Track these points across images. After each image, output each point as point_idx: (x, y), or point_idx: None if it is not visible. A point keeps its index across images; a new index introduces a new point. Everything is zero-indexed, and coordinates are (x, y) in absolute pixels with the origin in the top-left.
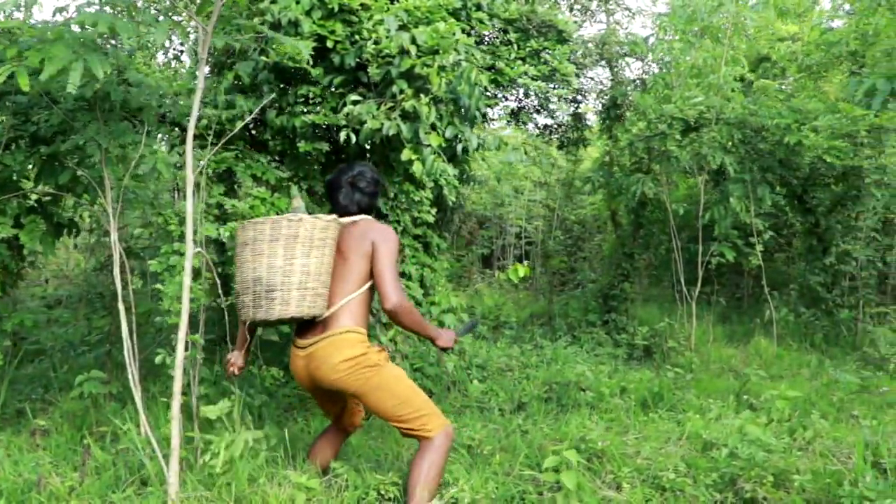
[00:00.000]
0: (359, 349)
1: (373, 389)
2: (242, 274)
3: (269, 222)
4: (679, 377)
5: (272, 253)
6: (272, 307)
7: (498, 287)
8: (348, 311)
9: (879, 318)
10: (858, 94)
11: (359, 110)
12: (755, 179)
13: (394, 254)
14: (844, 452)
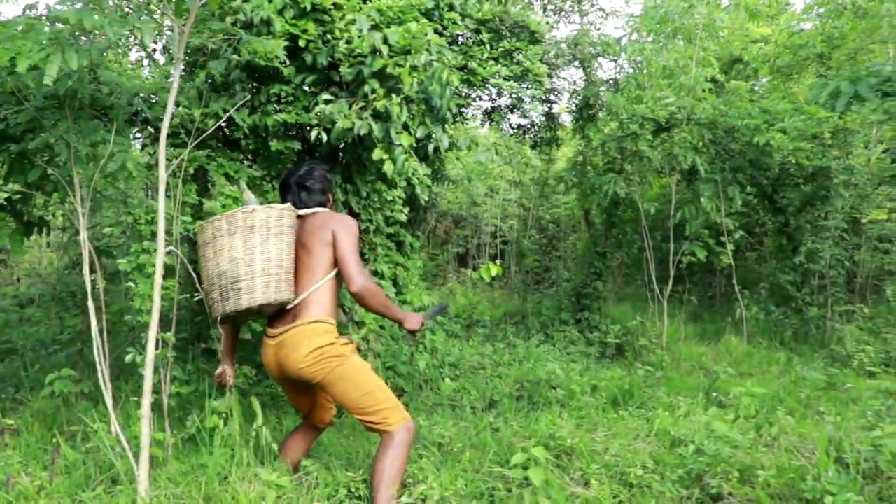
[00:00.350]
0: (326, 339)
1: (336, 380)
2: (207, 272)
3: (224, 218)
4: (650, 375)
5: (232, 246)
6: (239, 297)
7: (472, 286)
8: (316, 300)
9: (847, 316)
10: (823, 96)
11: (330, 109)
12: (726, 179)
13: (354, 240)
14: (809, 448)
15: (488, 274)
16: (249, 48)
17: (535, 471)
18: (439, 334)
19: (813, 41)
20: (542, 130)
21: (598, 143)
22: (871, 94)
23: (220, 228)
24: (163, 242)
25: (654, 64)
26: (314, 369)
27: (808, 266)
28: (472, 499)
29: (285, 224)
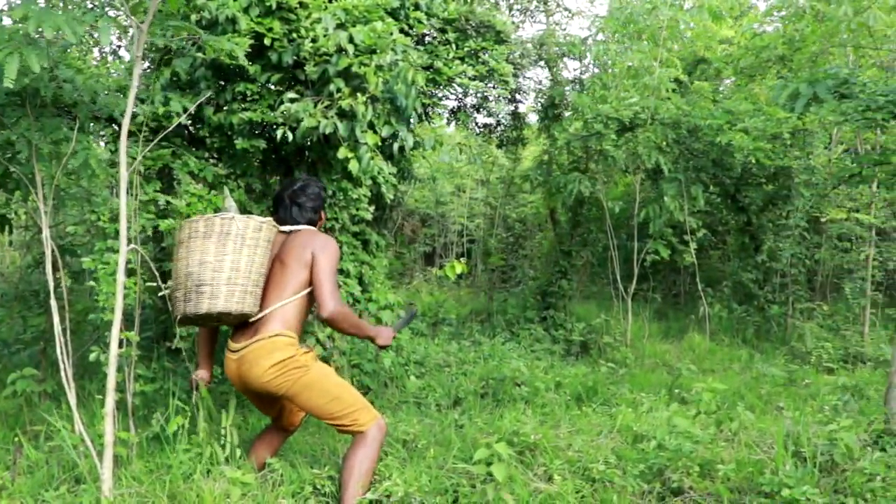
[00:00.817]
0: (287, 352)
1: (302, 389)
2: (176, 270)
3: (202, 220)
4: (613, 372)
5: (204, 249)
6: (201, 301)
7: (439, 284)
8: (280, 315)
9: (808, 313)
10: (783, 97)
11: (296, 108)
12: (689, 178)
13: (333, 264)
14: (768, 442)
15: (453, 272)
16: (215, 46)
17: (497, 466)
18: (405, 332)
19: (774, 43)
20: (508, 130)
21: (563, 142)
22: (828, 96)
23: (197, 230)
24: (125, 241)
25: (618, 64)
26: (277, 382)
27: (770, 264)
28: (437, 495)
29: (262, 237)
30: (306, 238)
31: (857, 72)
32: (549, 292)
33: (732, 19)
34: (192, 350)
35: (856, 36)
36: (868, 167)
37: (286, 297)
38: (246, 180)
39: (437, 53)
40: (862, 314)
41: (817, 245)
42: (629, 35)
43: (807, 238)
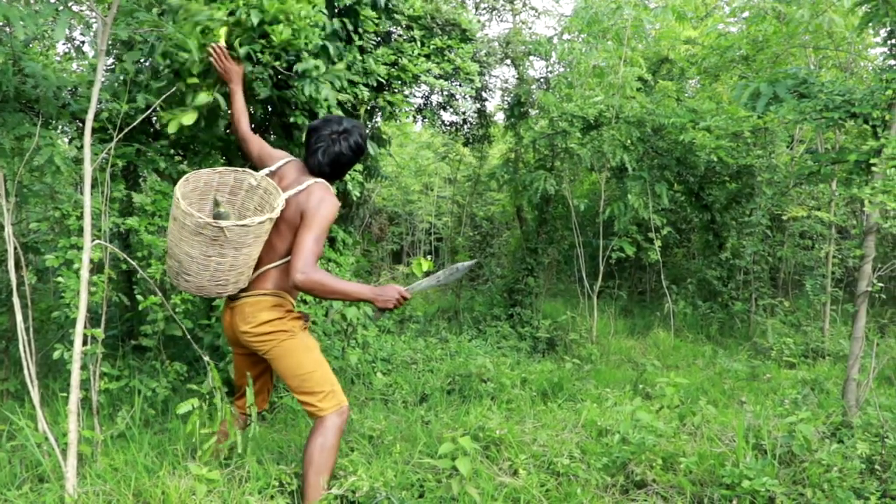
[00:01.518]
0: (276, 313)
1: (281, 354)
2: (168, 241)
3: (195, 217)
4: (579, 368)
5: (191, 244)
6: (188, 286)
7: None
8: (273, 276)
9: (770, 309)
10: (744, 97)
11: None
12: (654, 177)
13: (320, 227)
14: (729, 436)
15: (419, 269)
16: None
17: (462, 461)
18: (371, 329)
19: (738, 44)
20: (475, 128)
21: (529, 140)
22: (788, 96)
23: (186, 224)
24: (89, 238)
25: (583, 63)
26: (261, 339)
27: (734, 262)
28: (402, 489)
29: (252, 234)
30: (304, 197)
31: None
32: (516, 289)
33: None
34: (158, 348)
35: (815, 38)
36: (826, 166)
37: (276, 260)
38: None
39: (403, 51)
40: (822, 310)
41: (780, 243)
42: (594, 34)
43: (769, 236)
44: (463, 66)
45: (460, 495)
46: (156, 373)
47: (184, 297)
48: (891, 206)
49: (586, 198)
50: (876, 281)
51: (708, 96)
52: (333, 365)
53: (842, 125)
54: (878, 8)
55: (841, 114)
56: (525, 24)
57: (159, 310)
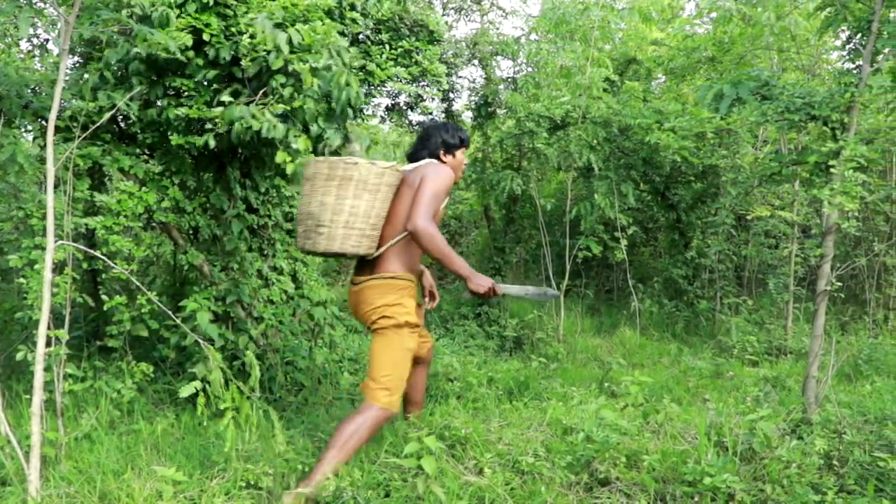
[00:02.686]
0: (393, 297)
1: (381, 339)
2: (300, 207)
3: (327, 163)
4: (545, 367)
5: (326, 191)
6: (318, 241)
7: None
8: (395, 254)
9: (735, 308)
10: (707, 98)
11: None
12: (620, 176)
13: (437, 188)
14: (692, 433)
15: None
16: (152, 41)
17: (427, 460)
18: (339, 329)
19: (705, 45)
20: None
21: (496, 140)
22: (750, 97)
23: (321, 171)
24: (52, 238)
25: (550, 63)
26: (374, 318)
27: (700, 261)
28: (368, 489)
29: (384, 183)
30: (421, 168)
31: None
32: None
33: (664, 21)
34: (124, 349)
35: (779, 39)
36: (787, 166)
37: (397, 234)
38: (180, 177)
39: (371, 54)
40: (785, 308)
41: (745, 242)
42: (561, 35)
43: (734, 235)
44: (430, 68)
45: (426, 494)
46: (121, 374)
47: (149, 298)
48: (849, 206)
49: (553, 197)
50: (834, 280)
51: (674, 97)
52: (300, 365)
53: (803, 127)
54: (838, 13)
55: (801, 116)
56: (493, 24)
57: (125, 310)
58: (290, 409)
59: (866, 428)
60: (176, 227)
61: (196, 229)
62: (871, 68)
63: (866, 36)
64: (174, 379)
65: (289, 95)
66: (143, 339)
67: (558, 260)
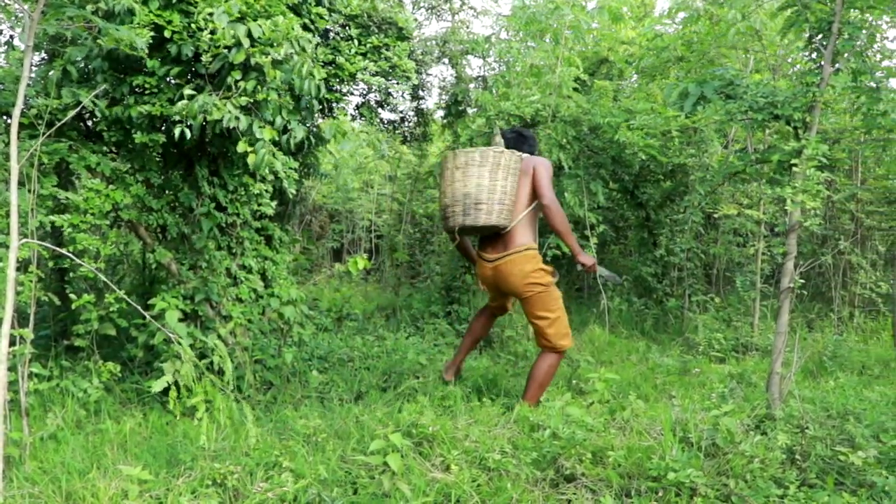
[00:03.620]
0: (532, 264)
1: (536, 301)
2: (454, 191)
3: (478, 152)
4: (514, 364)
5: (480, 174)
6: (479, 216)
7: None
8: (522, 229)
9: (703, 305)
10: (673, 96)
11: (202, 102)
12: (590, 175)
13: (549, 174)
14: (657, 429)
15: (355, 267)
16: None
17: (392, 457)
18: (308, 328)
19: (674, 44)
20: (413, 126)
21: (466, 138)
22: (715, 97)
23: (474, 159)
24: (16, 236)
25: (520, 62)
26: (525, 290)
27: (668, 259)
28: (335, 486)
29: (518, 168)
30: (530, 160)
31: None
32: (454, 287)
33: (636, 20)
34: (91, 348)
35: (744, 39)
36: (751, 165)
37: (521, 211)
38: (145, 174)
39: (340, 49)
40: (752, 306)
41: (714, 240)
42: (531, 34)
43: (703, 233)
44: (399, 64)
45: (392, 491)
46: (88, 373)
47: (118, 297)
48: (810, 204)
49: None
50: (798, 277)
51: (644, 96)
52: (269, 364)
53: (766, 126)
54: (800, 13)
55: (765, 115)
56: (464, 23)
57: (93, 309)
58: (258, 407)
59: (829, 423)
60: (143, 225)
61: (164, 227)
62: (833, 68)
63: (827, 36)
64: (142, 378)
65: (252, 88)
66: (111, 339)
67: None
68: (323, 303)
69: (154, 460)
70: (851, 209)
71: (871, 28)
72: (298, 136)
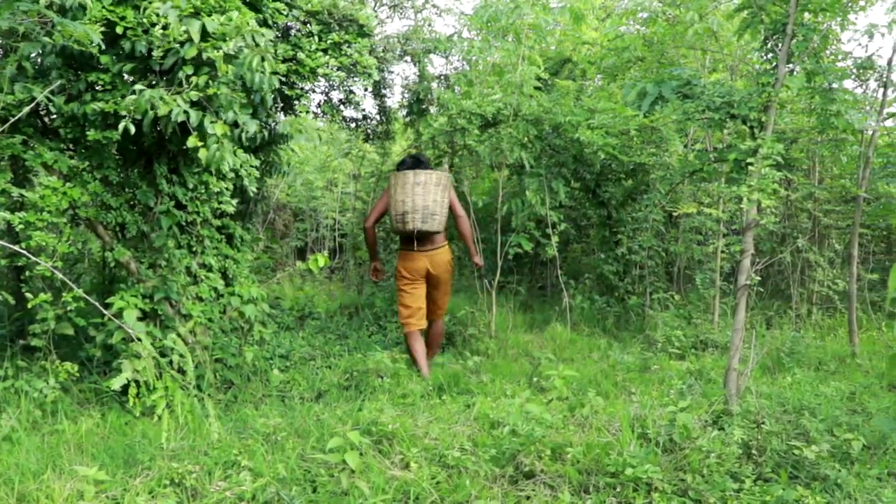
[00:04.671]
0: (450, 256)
1: (447, 281)
2: (415, 202)
3: (435, 174)
4: (474, 361)
5: (435, 192)
6: (433, 224)
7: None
8: (444, 231)
9: (663, 303)
10: (631, 96)
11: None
12: (551, 173)
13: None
14: (616, 426)
15: (315, 265)
16: (65, 32)
17: (351, 455)
18: (270, 326)
19: (634, 45)
20: (376, 124)
21: (428, 137)
22: (672, 96)
23: (431, 179)
24: None
25: (483, 61)
26: (446, 270)
27: (630, 257)
28: (294, 484)
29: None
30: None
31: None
32: None
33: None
34: (48, 348)
35: (701, 39)
36: (709, 164)
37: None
38: (102, 172)
39: (301, 45)
40: (712, 303)
41: (675, 238)
42: (494, 33)
43: (664, 232)
44: (360, 60)
45: (350, 489)
46: (45, 373)
47: (75, 296)
48: (766, 203)
49: (488, 195)
50: (756, 275)
51: (607, 96)
52: (230, 363)
53: (724, 126)
54: (755, 15)
55: (721, 115)
56: (427, 21)
57: (49, 308)
58: (219, 406)
59: (784, 418)
60: (102, 223)
61: (123, 226)
62: (787, 69)
63: (782, 38)
64: (101, 378)
65: (203, 83)
66: (69, 338)
67: (491, 256)
68: (286, 301)
69: (111, 461)
70: (809, 208)
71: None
72: (250, 130)
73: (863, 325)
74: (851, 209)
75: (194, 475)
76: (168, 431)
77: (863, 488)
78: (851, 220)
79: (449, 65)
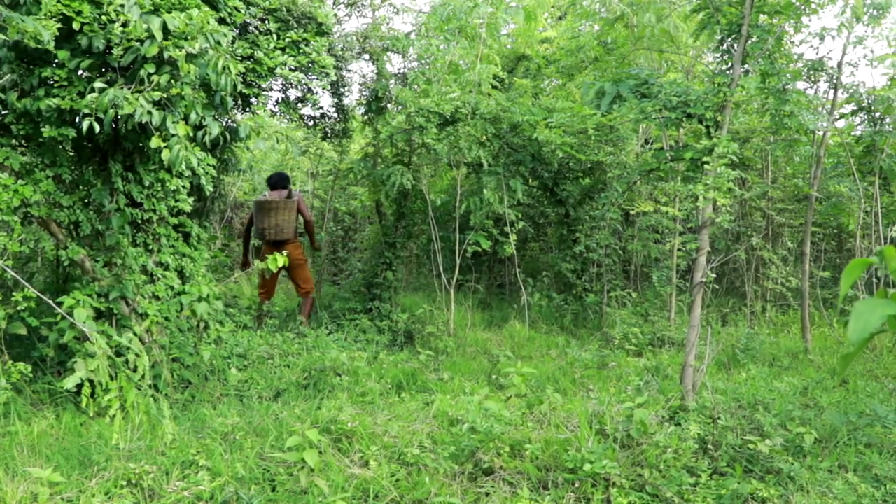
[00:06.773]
0: (300, 248)
1: (301, 266)
2: (269, 219)
3: (282, 200)
4: (434, 360)
5: (284, 213)
6: (284, 236)
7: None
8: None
9: (621, 300)
10: (590, 95)
11: (113, 94)
12: (509, 172)
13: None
14: (574, 422)
15: (275, 265)
16: (18, 28)
17: (309, 453)
18: (228, 325)
19: (590, 45)
20: (334, 122)
21: (386, 135)
22: (630, 95)
23: (280, 205)
24: None
25: (440, 59)
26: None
27: (588, 255)
28: (253, 484)
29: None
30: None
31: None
32: (375, 283)
33: (554, 20)
34: (0, 348)
35: (658, 41)
36: (665, 163)
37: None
38: (55, 170)
39: (258, 44)
40: (669, 301)
41: (631, 237)
42: (451, 31)
43: (621, 230)
44: (318, 60)
45: (310, 488)
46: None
47: (27, 295)
48: (722, 201)
49: (446, 193)
50: (710, 272)
51: (565, 95)
52: (187, 362)
53: (681, 125)
54: (711, 16)
55: (678, 114)
56: (384, 19)
57: (1, 307)
58: (176, 406)
59: (739, 413)
60: (55, 221)
61: (77, 224)
62: (742, 69)
63: (737, 39)
64: (55, 378)
65: (165, 83)
66: (21, 338)
67: (450, 255)
68: (243, 300)
69: (66, 462)
70: (763, 207)
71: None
72: (213, 132)
73: (815, 321)
74: (804, 208)
75: (151, 475)
76: (121, 432)
77: (815, 480)
78: (804, 219)
79: (407, 63)
